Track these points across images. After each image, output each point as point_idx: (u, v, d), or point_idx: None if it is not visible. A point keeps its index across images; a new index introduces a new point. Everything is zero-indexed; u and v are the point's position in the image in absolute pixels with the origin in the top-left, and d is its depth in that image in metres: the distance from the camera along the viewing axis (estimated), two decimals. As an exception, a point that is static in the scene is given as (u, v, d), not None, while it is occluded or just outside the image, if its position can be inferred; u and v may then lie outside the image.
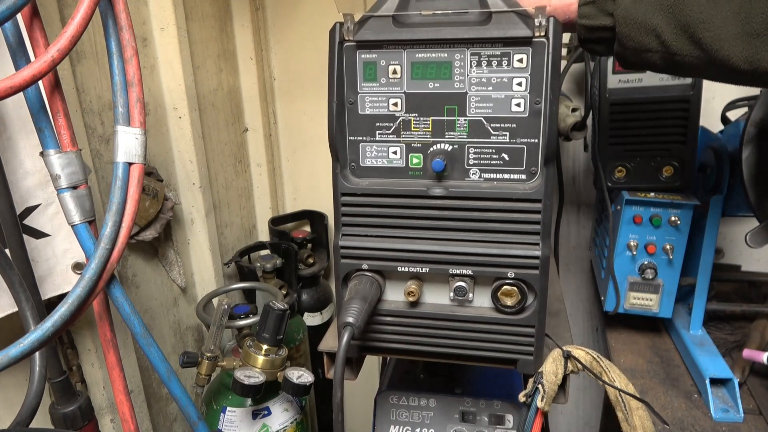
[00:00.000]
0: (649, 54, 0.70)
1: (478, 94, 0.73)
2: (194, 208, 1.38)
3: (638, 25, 0.68)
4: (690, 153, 1.09)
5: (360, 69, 0.76)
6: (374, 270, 0.80)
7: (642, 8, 0.67)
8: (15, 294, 0.78)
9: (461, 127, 0.75)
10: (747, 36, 0.62)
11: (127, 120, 0.81)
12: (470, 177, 0.77)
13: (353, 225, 0.80)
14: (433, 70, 0.74)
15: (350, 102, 0.77)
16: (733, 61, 0.64)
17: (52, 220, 0.90)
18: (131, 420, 0.92)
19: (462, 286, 0.78)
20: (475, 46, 0.72)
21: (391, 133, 0.77)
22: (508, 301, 0.76)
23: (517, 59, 0.71)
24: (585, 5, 0.72)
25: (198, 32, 1.38)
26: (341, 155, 0.79)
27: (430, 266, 0.78)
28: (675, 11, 0.66)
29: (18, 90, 0.67)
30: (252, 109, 1.61)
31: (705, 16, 0.64)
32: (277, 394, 1.22)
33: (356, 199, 0.79)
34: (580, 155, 1.57)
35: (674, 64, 0.69)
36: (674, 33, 0.66)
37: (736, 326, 1.21)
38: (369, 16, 0.74)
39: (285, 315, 1.06)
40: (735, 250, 1.46)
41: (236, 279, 1.54)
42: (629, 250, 1.10)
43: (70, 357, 1.05)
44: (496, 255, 0.75)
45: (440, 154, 0.76)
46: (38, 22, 0.75)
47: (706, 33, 0.64)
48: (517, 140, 0.74)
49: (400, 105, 0.76)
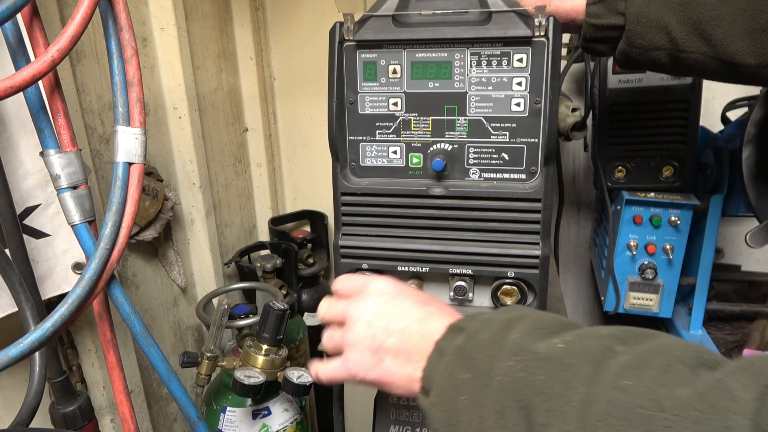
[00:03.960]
0: (656, 52, 0.72)
1: (478, 94, 0.73)
2: (194, 208, 1.38)
3: (650, 23, 0.70)
4: (690, 153, 1.08)
5: (360, 69, 0.76)
6: (374, 269, 0.80)
7: (654, 7, 0.70)
8: (15, 294, 0.78)
9: (461, 127, 0.75)
10: (754, 31, 0.66)
11: (127, 120, 0.81)
12: (470, 177, 0.77)
13: (353, 225, 0.80)
14: (433, 70, 0.74)
15: (350, 102, 0.77)
16: (740, 56, 0.67)
17: (52, 220, 0.90)
18: (131, 420, 0.92)
19: (462, 286, 0.78)
20: (475, 45, 0.72)
21: (391, 133, 0.78)
22: (508, 300, 0.76)
23: (517, 59, 0.71)
24: (594, 4, 0.73)
25: (198, 32, 1.38)
26: (341, 155, 0.79)
27: (430, 266, 0.78)
28: (686, 9, 0.68)
29: (18, 90, 0.67)
30: (252, 109, 1.60)
31: (717, 14, 0.67)
32: (277, 394, 1.22)
33: (356, 198, 0.79)
34: (580, 155, 1.57)
35: (679, 62, 0.72)
36: (684, 30, 0.69)
37: (736, 326, 1.21)
38: (369, 15, 0.74)
39: (285, 315, 1.06)
40: (735, 250, 1.46)
41: (236, 279, 1.53)
42: (629, 250, 1.10)
43: (70, 357, 1.05)
44: (495, 254, 0.75)
45: (440, 153, 0.76)
46: (38, 22, 0.75)
47: (717, 30, 0.67)
48: (517, 140, 0.74)
49: (400, 105, 0.76)
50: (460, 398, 0.48)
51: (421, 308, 0.58)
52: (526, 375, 0.45)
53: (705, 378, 0.39)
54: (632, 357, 0.43)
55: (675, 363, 0.41)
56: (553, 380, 0.44)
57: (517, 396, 0.45)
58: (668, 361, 0.41)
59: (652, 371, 0.41)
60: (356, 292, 0.64)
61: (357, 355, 0.60)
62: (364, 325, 0.60)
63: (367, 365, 0.59)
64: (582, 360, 0.44)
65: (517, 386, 0.45)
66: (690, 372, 0.40)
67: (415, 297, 0.60)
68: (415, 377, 0.55)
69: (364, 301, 0.61)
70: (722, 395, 0.37)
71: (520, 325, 0.50)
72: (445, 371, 0.51)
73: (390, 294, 0.61)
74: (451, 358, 0.51)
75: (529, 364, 0.46)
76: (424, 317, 0.57)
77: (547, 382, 0.44)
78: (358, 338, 0.60)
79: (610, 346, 0.44)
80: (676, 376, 0.40)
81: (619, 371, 0.41)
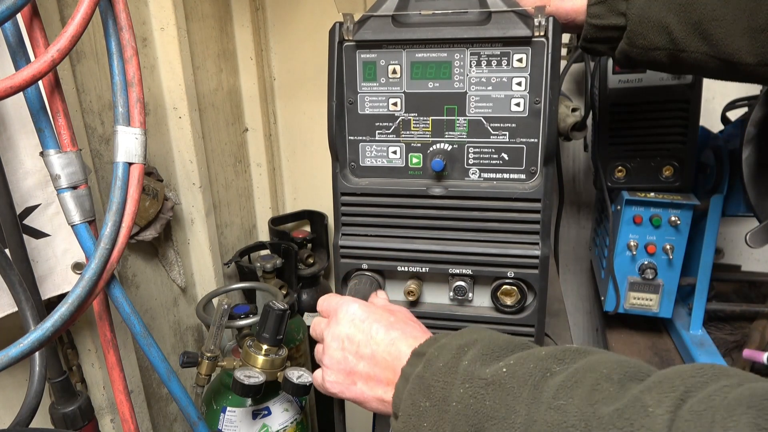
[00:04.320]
0: (656, 52, 0.73)
1: (477, 94, 0.73)
2: (194, 208, 1.38)
3: (652, 23, 0.71)
4: (690, 153, 1.08)
5: (360, 69, 0.76)
6: (374, 270, 0.80)
7: (656, 8, 0.71)
8: (15, 294, 0.78)
9: (461, 127, 0.75)
10: (754, 31, 0.67)
11: (127, 120, 0.81)
12: (470, 177, 0.77)
13: (353, 225, 0.80)
14: (433, 70, 0.74)
15: (350, 102, 0.77)
16: (740, 55, 0.68)
17: (52, 220, 0.90)
18: (131, 420, 0.92)
19: (462, 286, 0.78)
20: (474, 45, 0.72)
21: (390, 133, 0.78)
22: (507, 300, 0.76)
23: (517, 59, 0.71)
24: (595, 5, 0.74)
25: (198, 32, 1.38)
26: (341, 155, 0.79)
27: (429, 266, 0.78)
28: (688, 10, 0.69)
29: (18, 90, 0.67)
30: (252, 109, 1.61)
31: (717, 14, 0.68)
32: (277, 394, 1.22)
33: (356, 198, 0.79)
34: (580, 155, 1.57)
35: (678, 61, 0.73)
36: (685, 30, 0.70)
37: (736, 326, 1.21)
38: (368, 15, 0.74)
39: (285, 315, 1.06)
40: (735, 250, 1.46)
41: (236, 279, 1.53)
42: (629, 250, 1.10)
43: (70, 357, 1.05)
44: (495, 255, 0.75)
45: (440, 153, 0.76)
46: (38, 22, 0.75)
47: (717, 29, 0.68)
48: (516, 140, 0.74)
49: (400, 105, 0.76)
50: (423, 424, 0.52)
51: (387, 332, 0.62)
52: (476, 401, 0.49)
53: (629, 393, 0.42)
54: (566, 376, 0.46)
55: (602, 380, 0.44)
56: (498, 405, 0.47)
57: (470, 421, 0.49)
58: (596, 379, 0.44)
59: (582, 389, 0.44)
60: (332, 313, 0.68)
61: (333, 377, 0.65)
62: (337, 349, 0.64)
63: (342, 386, 0.64)
64: (522, 383, 0.47)
65: (469, 412, 0.49)
66: (616, 388, 0.43)
67: (383, 321, 0.64)
68: (386, 399, 0.59)
69: (337, 326, 0.65)
70: (639, 412, 0.40)
71: (471, 351, 0.53)
72: (408, 399, 0.54)
73: (359, 318, 0.64)
74: (413, 385, 0.54)
75: (477, 391, 0.49)
76: (390, 342, 0.61)
77: (493, 406, 0.48)
78: (332, 362, 0.65)
79: (548, 367, 0.48)
80: (602, 394, 0.43)
81: (556, 391, 0.45)
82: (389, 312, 0.66)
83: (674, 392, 0.39)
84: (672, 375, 0.42)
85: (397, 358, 0.59)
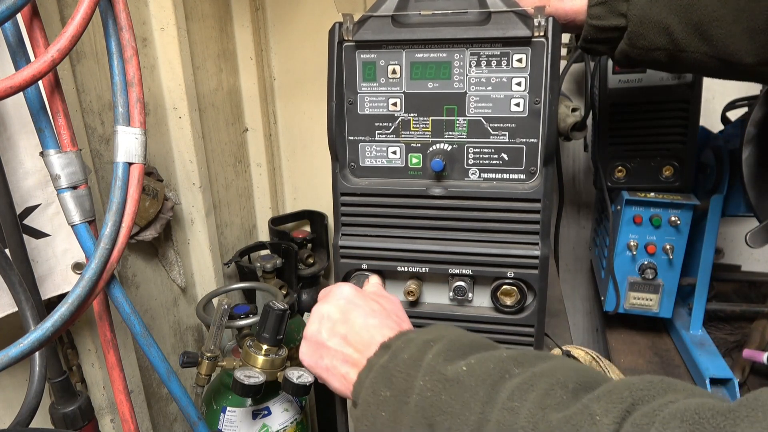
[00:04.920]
0: (657, 52, 0.73)
1: (477, 94, 0.73)
2: (194, 208, 1.38)
3: (653, 24, 0.71)
4: (690, 153, 1.08)
5: (359, 69, 0.76)
6: (374, 270, 0.80)
7: (656, 9, 0.71)
8: (15, 294, 0.78)
9: (461, 127, 0.75)
10: (753, 31, 0.68)
11: (127, 120, 0.81)
12: (469, 177, 0.77)
13: (353, 225, 0.80)
14: (433, 70, 0.74)
15: (350, 102, 0.77)
16: (740, 55, 0.69)
17: (52, 220, 0.90)
18: (131, 420, 0.92)
19: (461, 286, 0.78)
20: (474, 46, 0.72)
21: (390, 133, 0.78)
22: (507, 300, 0.77)
23: (517, 59, 0.71)
24: (595, 6, 0.74)
25: (198, 32, 1.38)
26: (341, 155, 0.79)
27: (429, 266, 0.78)
28: (688, 10, 0.70)
29: (18, 90, 0.67)
30: (252, 109, 1.61)
31: (718, 15, 0.69)
32: (277, 394, 1.22)
33: (356, 198, 0.79)
34: (580, 155, 1.57)
35: (678, 61, 0.73)
36: (686, 31, 0.70)
37: (736, 326, 1.21)
38: (368, 16, 0.74)
39: (285, 315, 1.06)
40: (735, 250, 1.46)
41: (236, 279, 1.53)
42: (629, 250, 1.10)
43: (70, 357, 1.05)
44: (495, 255, 0.75)
45: (439, 153, 0.76)
46: (38, 22, 0.75)
47: (718, 30, 0.69)
48: (516, 140, 0.74)
49: (400, 105, 0.76)
50: (382, 413, 0.53)
51: (366, 319, 0.62)
52: (433, 395, 0.50)
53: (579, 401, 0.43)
54: (523, 379, 0.47)
55: (556, 386, 0.45)
56: (454, 400, 0.48)
57: (425, 414, 0.49)
58: (551, 384, 0.45)
59: (536, 394, 0.45)
60: (327, 293, 0.70)
61: (305, 347, 0.67)
62: (315, 322, 0.66)
63: (311, 359, 0.65)
64: (480, 382, 0.48)
65: (426, 404, 0.50)
66: (569, 395, 0.44)
67: (365, 307, 0.64)
68: (349, 379, 0.59)
69: (324, 305, 0.67)
70: (586, 419, 0.41)
71: (436, 347, 0.54)
72: (369, 387, 0.55)
73: (345, 299, 0.66)
74: (375, 374, 0.55)
75: (436, 385, 0.50)
76: (365, 328, 0.62)
77: (449, 402, 0.48)
78: (309, 332, 0.66)
79: (508, 369, 0.49)
80: (554, 400, 0.44)
81: (511, 393, 0.46)
82: (375, 300, 0.67)
83: (622, 404, 0.40)
84: (622, 386, 0.43)
85: (368, 345, 0.60)
